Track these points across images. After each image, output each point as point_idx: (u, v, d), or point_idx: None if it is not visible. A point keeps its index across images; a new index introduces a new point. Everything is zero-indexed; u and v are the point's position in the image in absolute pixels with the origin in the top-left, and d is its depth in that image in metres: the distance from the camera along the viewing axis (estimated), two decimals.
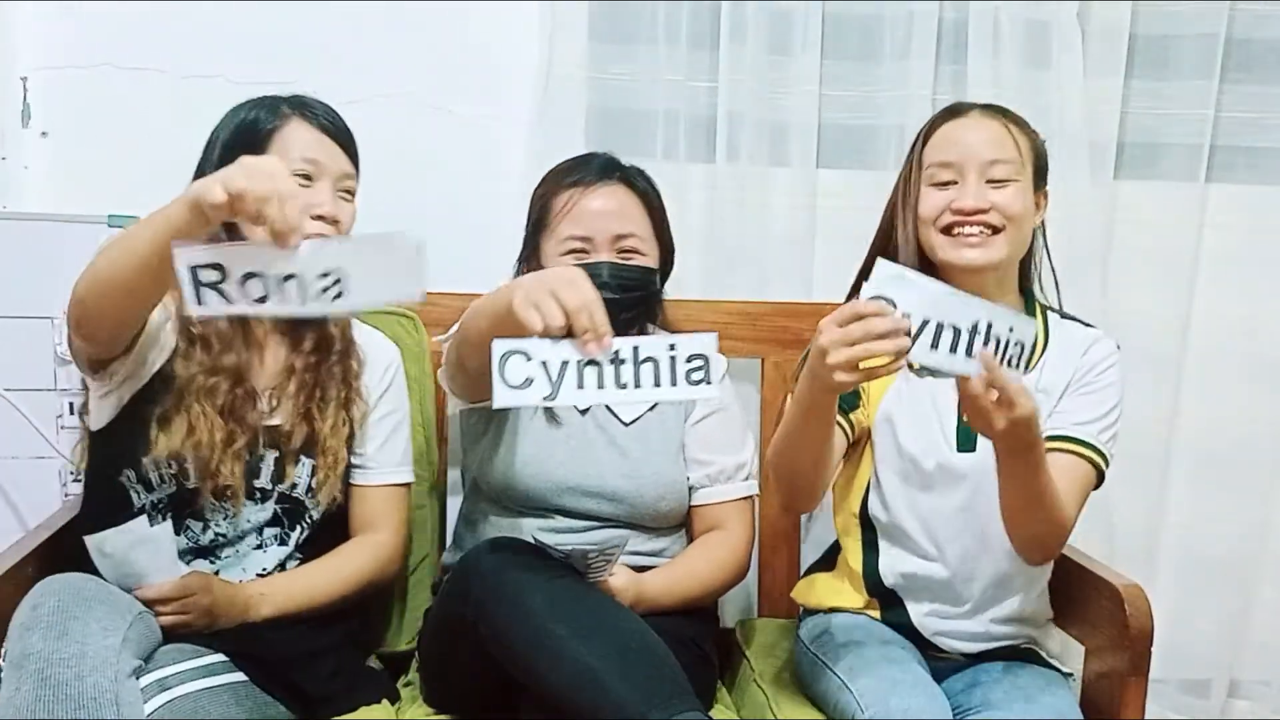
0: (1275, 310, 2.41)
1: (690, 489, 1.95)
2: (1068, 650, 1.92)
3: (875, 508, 1.83)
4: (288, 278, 1.45)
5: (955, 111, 1.81)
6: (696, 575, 1.90)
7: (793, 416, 1.63)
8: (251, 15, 2.21)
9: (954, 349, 1.48)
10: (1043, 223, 1.86)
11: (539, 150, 2.17)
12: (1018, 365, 1.51)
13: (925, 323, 1.45)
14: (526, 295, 1.54)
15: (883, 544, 1.83)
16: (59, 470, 2.10)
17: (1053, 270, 1.90)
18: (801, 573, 2.04)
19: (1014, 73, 2.30)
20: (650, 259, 1.92)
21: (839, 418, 1.74)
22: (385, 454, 1.87)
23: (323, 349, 1.81)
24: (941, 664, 1.81)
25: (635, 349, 1.53)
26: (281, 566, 1.79)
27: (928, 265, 1.78)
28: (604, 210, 1.89)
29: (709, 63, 2.29)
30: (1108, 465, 1.78)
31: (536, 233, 1.93)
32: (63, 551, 1.77)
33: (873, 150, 2.34)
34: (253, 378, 1.77)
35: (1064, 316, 1.89)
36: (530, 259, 1.95)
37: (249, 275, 1.45)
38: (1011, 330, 1.49)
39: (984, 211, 1.72)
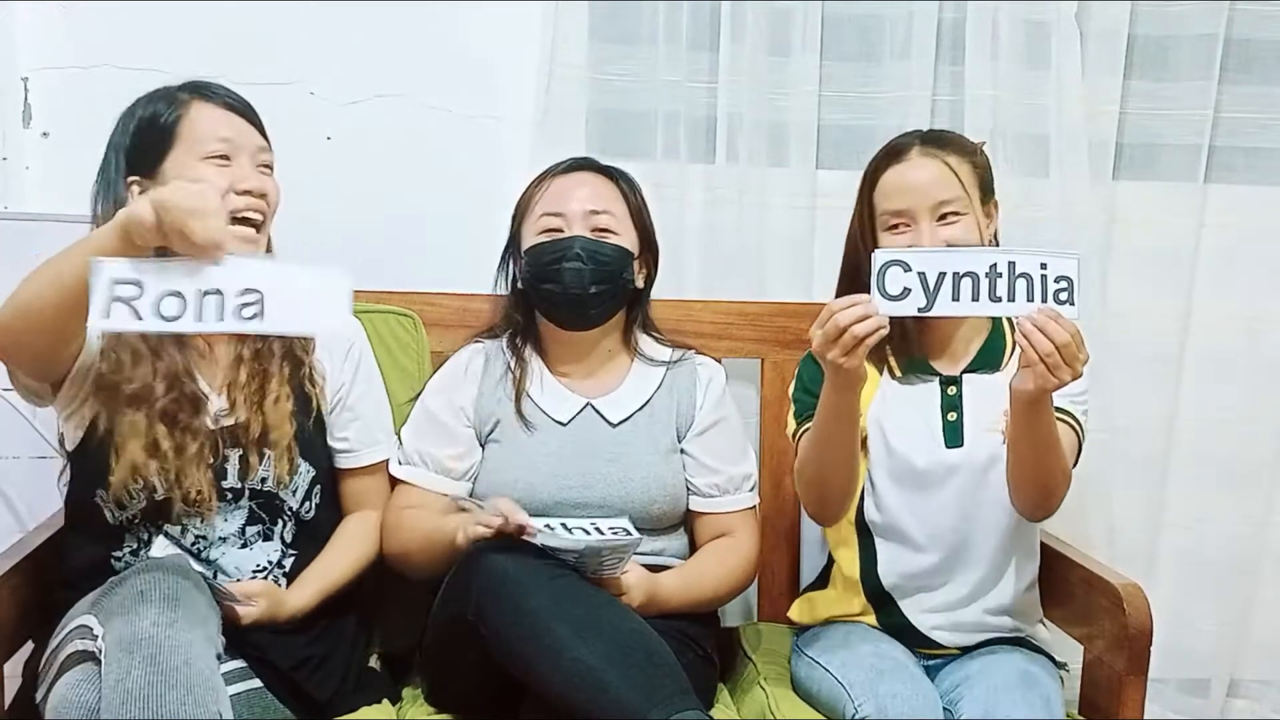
0: (1275, 310, 2.41)
1: (695, 494, 1.95)
2: (1063, 649, 1.92)
3: (871, 511, 1.88)
4: (208, 293, 1.46)
5: (896, 154, 1.88)
6: (709, 579, 1.90)
7: (821, 425, 1.74)
8: (251, 15, 2.21)
9: (976, 295, 1.58)
10: (995, 231, 1.92)
11: (539, 150, 2.17)
12: (1067, 301, 1.59)
13: (941, 276, 1.56)
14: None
15: (880, 546, 1.87)
16: (59, 470, 2.10)
17: None
18: (811, 578, 2.06)
19: (1013, 73, 2.30)
20: (626, 240, 1.92)
21: None
22: (367, 434, 1.86)
23: (266, 336, 1.76)
24: (936, 661, 1.86)
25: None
26: (279, 564, 1.78)
27: None
28: (577, 189, 1.91)
29: (709, 63, 2.29)
30: (1084, 438, 1.85)
31: (518, 227, 1.96)
32: (62, 552, 1.78)
33: (872, 150, 2.31)
34: (200, 378, 1.73)
35: None
36: (513, 257, 1.97)
37: (168, 294, 1.46)
38: (1045, 268, 1.58)
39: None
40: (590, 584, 1.67)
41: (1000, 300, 1.59)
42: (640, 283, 1.97)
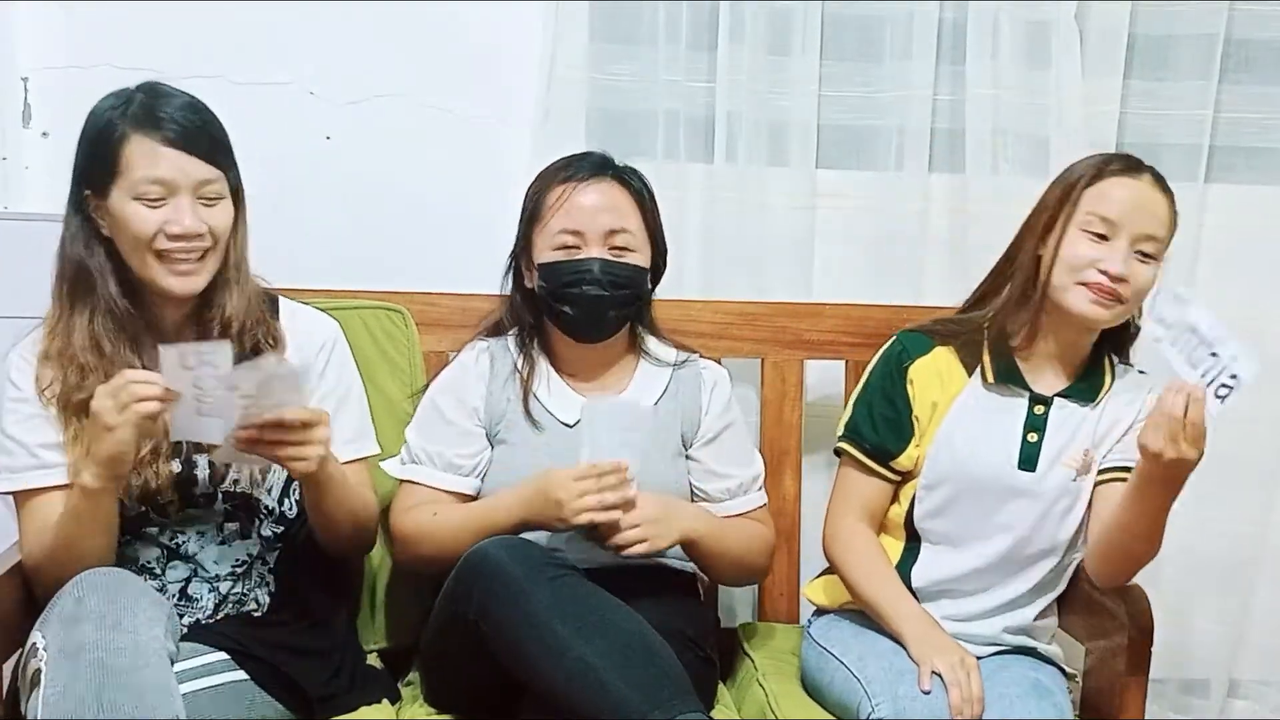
0: (1275, 310, 2.41)
1: (707, 500, 1.95)
2: (1070, 654, 1.92)
3: (922, 517, 1.86)
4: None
5: (1130, 167, 1.81)
6: (733, 532, 1.90)
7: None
8: (251, 15, 2.21)
9: (1194, 363, 1.59)
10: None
11: (540, 150, 2.17)
12: (1222, 398, 1.58)
13: (1194, 329, 1.58)
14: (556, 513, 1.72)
15: (924, 550, 1.86)
16: None
17: (1136, 323, 1.90)
18: (814, 574, 2.05)
19: (1013, 73, 2.29)
20: (641, 257, 1.91)
21: (884, 470, 1.87)
22: (334, 434, 1.78)
23: (225, 335, 1.72)
24: None
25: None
26: (261, 559, 1.77)
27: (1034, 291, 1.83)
28: (597, 205, 1.88)
29: (709, 63, 2.28)
30: None
31: (529, 227, 1.92)
32: None
33: (872, 150, 2.34)
34: None
35: (1124, 364, 1.92)
36: (522, 254, 1.95)
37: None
38: (1236, 359, 1.57)
39: (1124, 281, 1.75)
40: (591, 584, 1.66)
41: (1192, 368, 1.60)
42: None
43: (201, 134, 1.66)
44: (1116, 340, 1.89)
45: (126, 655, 1.43)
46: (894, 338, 1.91)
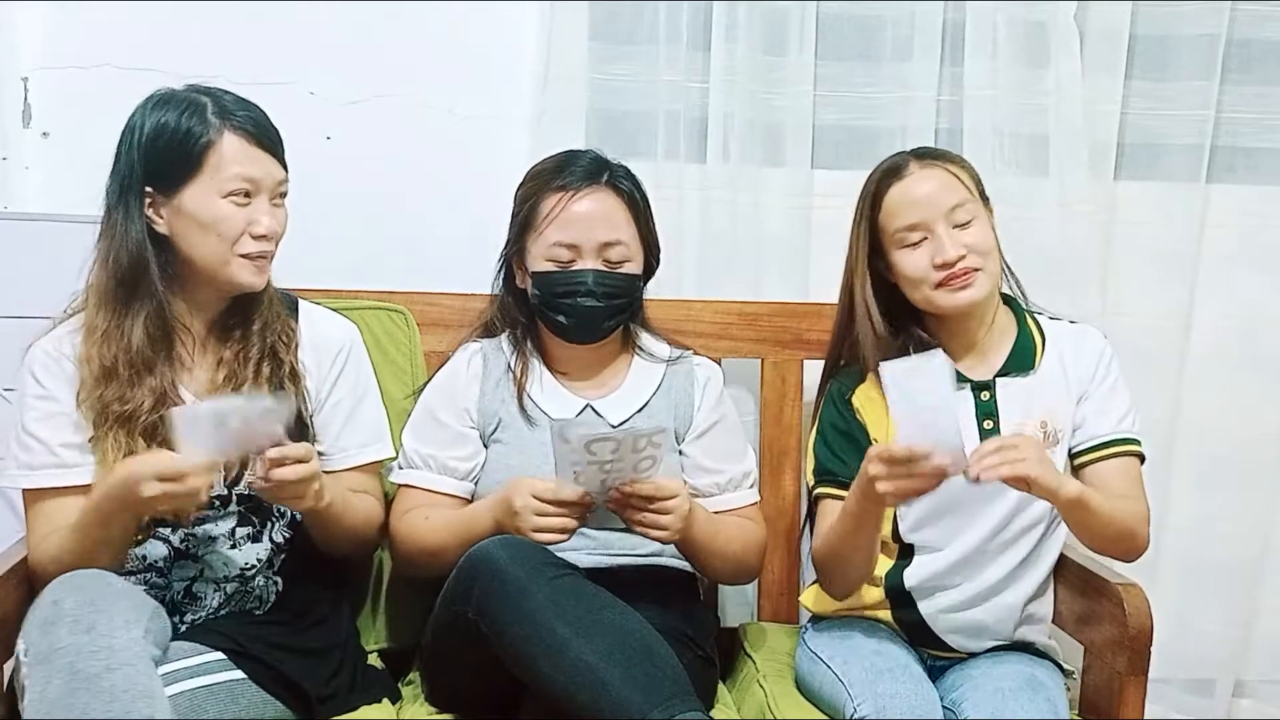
0: (1275, 310, 2.41)
1: (697, 495, 1.94)
2: (1067, 651, 1.92)
3: (908, 531, 1.87)
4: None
5: (894, 171, 1.85)
6: (725, 530, 1.90)
7: (847, 524, 1.74)
8: (251, 15, 2.21)
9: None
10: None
11: (539, 150, 2.16)
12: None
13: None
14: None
15: (917, 554, 1.86)
16: None
17: (1010, 271, 1.93)
18: (807, 580, 2.05)
19: (1012, 73, 2.30)
20: (635, 264, 1.91)
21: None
22: (347, 437, 1.83)
23: (247, 339, 1.75)
24: (941, 662, 1.86)
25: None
26: (269, 563, 1.78)
27: (909, 319, 1.87)
28: (591, 216, 1.87)
29: (708, 64, 2.28)
30: (1143, 452, 1.87)
31: (522, 234, 1.92)
32: None
33: (870, 150, 2.33)
34: (183, 390, 1.71)
35: (1051, 317, 1.95)
36: (516, 260, 1.95)
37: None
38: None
39: (965, 255, 1.79)
40: (592, 584, 1.66)
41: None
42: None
43: (274, 132, 1.73)
44: (1013, 297, 1.93)
45: (100, 658, 1.42)
46: (829, 383, 1.95)
